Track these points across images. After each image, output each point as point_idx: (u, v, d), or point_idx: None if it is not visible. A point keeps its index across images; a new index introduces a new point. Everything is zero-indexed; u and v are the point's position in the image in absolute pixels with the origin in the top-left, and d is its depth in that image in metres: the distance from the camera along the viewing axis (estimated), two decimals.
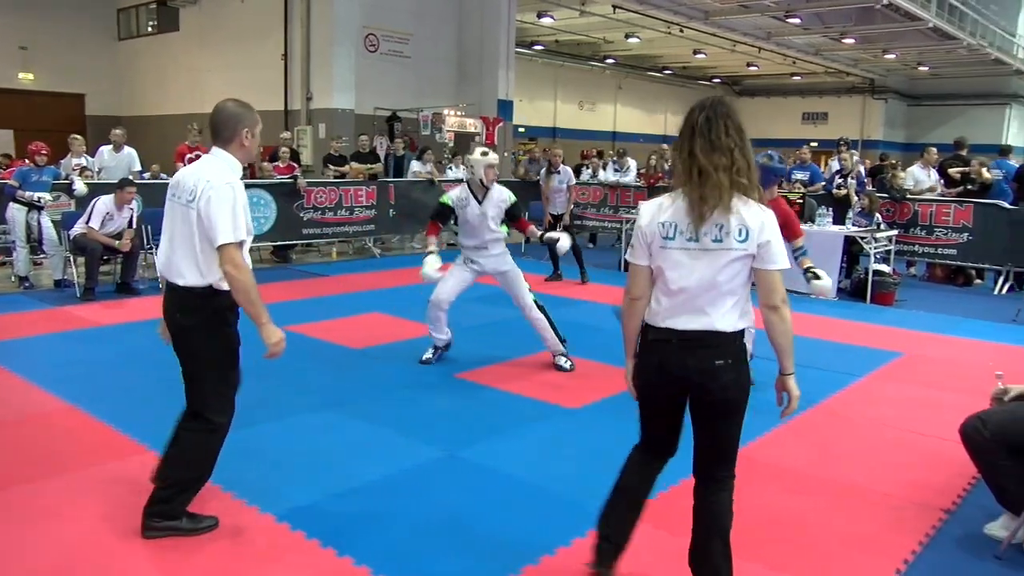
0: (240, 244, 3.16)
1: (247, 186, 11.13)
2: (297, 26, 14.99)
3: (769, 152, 5.21)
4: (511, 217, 5.82)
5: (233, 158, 3.28)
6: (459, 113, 15.76)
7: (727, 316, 2.58)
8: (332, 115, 14.72)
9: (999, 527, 3.44)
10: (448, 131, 15.36)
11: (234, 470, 3.96)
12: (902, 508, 3.74)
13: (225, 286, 3.16)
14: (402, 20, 15.95)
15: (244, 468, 4.00)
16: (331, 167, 12.18)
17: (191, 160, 10.39)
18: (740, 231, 2.53)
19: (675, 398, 2.73)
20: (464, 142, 15.84)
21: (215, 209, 3.07)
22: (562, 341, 5.87)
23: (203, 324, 3.23)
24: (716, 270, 2.55)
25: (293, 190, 10.91)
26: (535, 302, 5.84)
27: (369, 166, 12.65)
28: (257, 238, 10.64)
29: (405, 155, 13.35)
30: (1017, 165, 11.58)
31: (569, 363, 5.84)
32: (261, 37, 15.81)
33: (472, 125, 15.87)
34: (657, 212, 2.64)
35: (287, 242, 11.26)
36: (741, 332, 2.62)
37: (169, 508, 3.26)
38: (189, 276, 3.19)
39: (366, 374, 5.76)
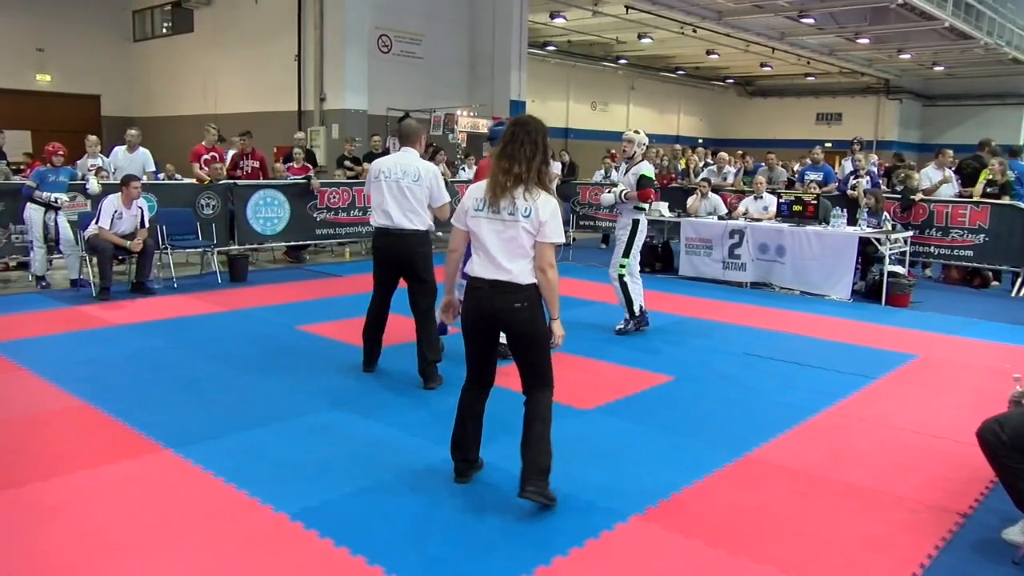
0: None
1: (259, 187, 11.16)
2: (310, 27, 15.05)
3: (501, 119, 6.60)
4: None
5: None
6: (471, 114, 15.76)
7: (522, 270, 3.48)
8: (345, 116, 14.76)
9: (1018, 532, 3.40)
10: (460, 132, 15.37)
11: (247, 469, 3.98)
12: (917, 511, 3.71)
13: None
14: (414, 21, 15.99)
15: (257, 467, 4.02)
16: (345, 167, 12.20)
17: (208, 161, 10.47)
18: (525, 210, 3.46)
19: (488, 331, 3.63)
20: (476, 143, 15.87)
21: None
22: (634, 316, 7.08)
23: None
24: (510, 236, 3.47)
25: (307, 191, 10.94)
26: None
27: None
28: (270, 238, 10.71)
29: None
30: None
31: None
32: (274, 38, 15.87)
33: (484, 126, 15.88)
34: (475, 190, 3.60)
35: (301, 242, 11.29)
36: (534, 284, 3.50)
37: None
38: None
39: (377, 374, 5.78)
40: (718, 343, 6.94)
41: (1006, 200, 10.18)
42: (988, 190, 10.47)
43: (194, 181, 10.37)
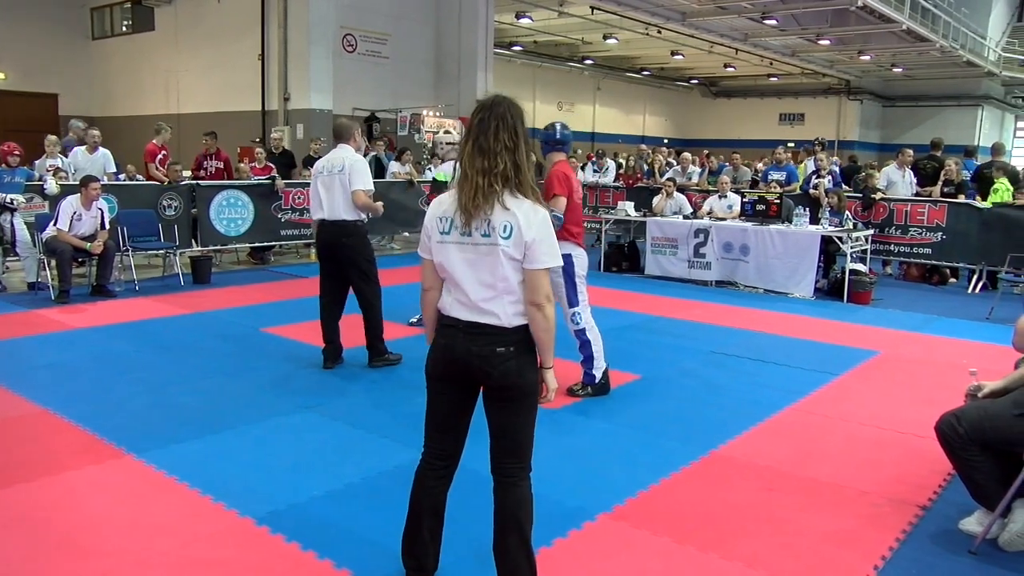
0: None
1: (222, 188, 11.02)
2: (274, 26, 14.89)
3: (553, 123, 5.28)
4: None
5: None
6: (438, 114, 15.73)
7: (507, 311, 2.60)
8: (310, 116, 14.63)
9: (974, 522, 3.49)
10: (427, 132, 15.33)
11: (213, 473, 3.93)
12: (879, 505, 3.78)
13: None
14: (380, 21, 15.92)
15: (223, 471, 3.97)
16: (311, 169, 12.07)
17: (162, 160, 10.32)
18: (505, 228, 2.55)
19: (461, 380, 2.71)
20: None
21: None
22: None
23: None
24: (488, 266, 2.58)
25: (271, 191, 10.83)
26: None
27: None
28: (234, 240, 10.58)
29: (384, 156, 13.30)
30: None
31: None
32: (238, 37, 15.68)
33: (451, 126, 15.85)
34: (438, 208, 2.68)
35: (265, 243, 11.17)
36: (525, 326, 2.63)
37: None
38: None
39: (344, 376, 5.74)
40: (684, 341, 7.00)
41: (962, 199, 10.41)
42: (945, 189, 10.70)
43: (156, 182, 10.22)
